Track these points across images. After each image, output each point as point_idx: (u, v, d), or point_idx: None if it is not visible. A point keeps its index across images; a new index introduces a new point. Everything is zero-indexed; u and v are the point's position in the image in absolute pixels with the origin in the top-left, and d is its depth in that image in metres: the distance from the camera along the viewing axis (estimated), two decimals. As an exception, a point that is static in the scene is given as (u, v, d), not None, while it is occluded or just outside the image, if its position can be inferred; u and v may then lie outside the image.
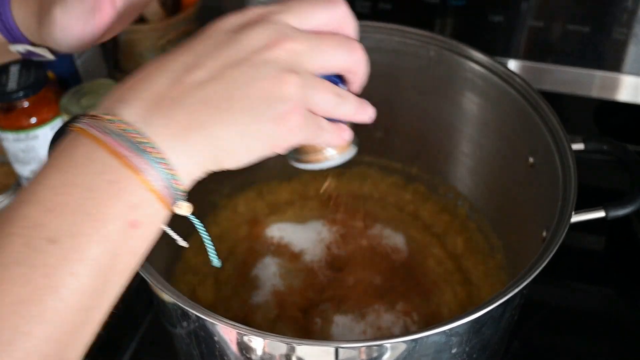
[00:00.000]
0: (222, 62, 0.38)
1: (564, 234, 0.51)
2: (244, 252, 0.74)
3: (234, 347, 0.50)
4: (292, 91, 0.38)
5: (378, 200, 0.80)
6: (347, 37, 0.43)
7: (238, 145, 0.38)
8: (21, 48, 0.51)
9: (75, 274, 0.33)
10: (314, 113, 0.41)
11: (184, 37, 0.85)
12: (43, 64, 0.78)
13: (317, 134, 0.42)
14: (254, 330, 0.46)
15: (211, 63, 0.38)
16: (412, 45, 0.71)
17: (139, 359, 0.68)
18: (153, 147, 0.35)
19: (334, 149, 0.49)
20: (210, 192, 0.76)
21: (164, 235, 0.71)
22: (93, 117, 0.36)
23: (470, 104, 0.71)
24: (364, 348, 0.48)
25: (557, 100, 0.68)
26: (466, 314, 0.46)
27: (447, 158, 0.77)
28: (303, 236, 0.74)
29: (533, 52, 0.80)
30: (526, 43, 0.80)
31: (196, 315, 0.48)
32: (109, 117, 0.36)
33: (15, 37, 0.52)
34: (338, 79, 0.44)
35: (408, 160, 0.80)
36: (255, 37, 0.38)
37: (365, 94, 0.76)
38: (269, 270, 0.70)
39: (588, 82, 0.80)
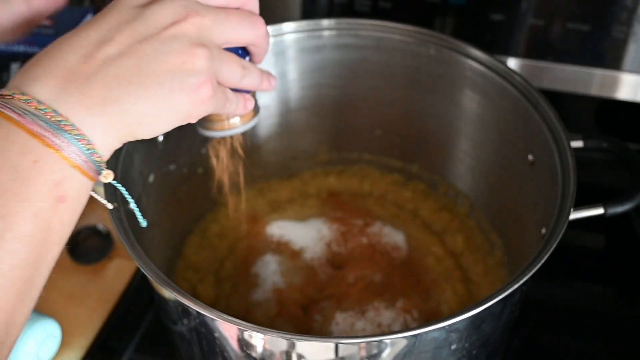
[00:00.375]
0: (131, 37, 0.39)
1: (563, 231, 0.51)
2: (244, 250, 0.74)
3: (234, 343, 0.51)
4: (202, 64, 0.40)
5: (378, 198, 0.81)
6: (251, 13, 0.45)
7: (151, 117, 0.39)
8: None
9: (13, 251, 0.35)
10: (220, 84, 0.43)
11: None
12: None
13: (224, 104, 0.44)
14: (255, 326, 0.47)
15: (121, 38, 0.39)
16: (412, 43, 0.71)
17: (140, 357, 0.68)
18: (70, 125, 0.36)
19: (238, 118, 0.52)
20: (211, 190, 0.76)
21: (165, 234, 0.71)
22: (6, 97, 0.37)
23: (470, 102, 0.71)
24: (363, 344, 0.48)
25: (557, 99, 0.68)
26: (466, 309, 0.46)
27: (447, 156, 0.77)
28: (303, 234, 0.74)
29: (533, 51, 0.81)
30: (526, 41, 0.80)
31: (197, 312, 0.48)
32: (24, 97, 0.36)
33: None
34: (243, 52, 0.47)
35: (408, 158, 0.80)
36: (164, 13, 0.40)
37: (366, 92, 0.77)
38: (269, 268, 0.70)
39: (588, 80, 0.80)
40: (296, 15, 0.85)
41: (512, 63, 0.82)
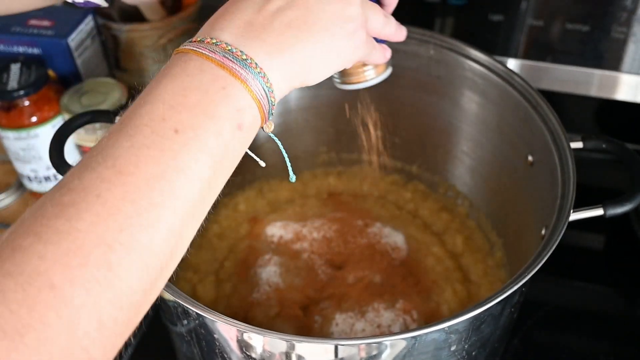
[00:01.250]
0: None
1: (563, 231, 0.51)
2: (245, 250, 0.74)
3: (234, 344, 0.51)
4: (356, 12, 0.45)
5: (378, 198, 0.81)
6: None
7: (318, 62, 0.44)
8: None
9: (197, 160, 0.38)
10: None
11: (184, 37, 0.85)
12: (44, 63, 0.78)
13: (371, 51, 0.49)
14: (254, 327, 0.47)
15: None
16: (412, 44, 0.71)
17: (140, 357, 0.68)
18: (254, 63, 0.41)
19: (373, 70, 0.55)
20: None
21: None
22: (198, 42, 0.41)
23: (470, 102, 0.71)
24: (363, 345, 0.48)
25: (557, 99, 0.68)
26: (465, 311, 0.46)
27: (447, 157, 0.77)
28: (303, 234, 0.74)
29: (533, 51, 0.81)
30: (526, 42, 0.80)
31: (196, 313, 0.48)
32: (214, 40, 0.41)
33: None
34: (377, 3, 0.51)
35: (408, 158, 0.80)
36: None
37: (366, 92, 0.77)
38: (269, 269, 0.70)
39: (587, 81, 0.80)
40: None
41: (512, 64, 0.82)
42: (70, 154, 0.78)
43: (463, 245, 0.74)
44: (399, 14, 0.53)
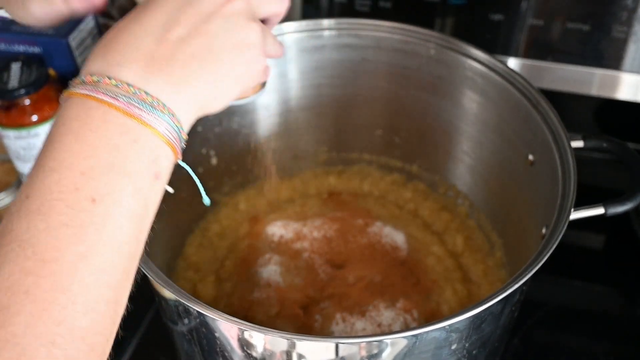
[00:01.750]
0: (195, 16, 0.41)
1: (564, 231, 0.51)
2: (245, 250, 0.74)
3: (234, 343, 0.51)
4: (258, 37, 0.44)
5: (378, 198, 0.81)
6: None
7: (224, 91, 0.43)
8: None
9: (121, 226, 0.36)
10: None
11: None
12: (44, 62, 0.78)
13: (267, 74, 0.48)
14: (255, 326, 0.47)
15: (186, 19, 0.41)
16: (412, 43, 0.71)
17: (140, 357, 0.68)
18: (161, 104, 0.38)
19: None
20: (211, 189, 0.76)
21: (165, 233, 0.71)
22: (94, 83, 0.38)
23: (471, 102, 0.71)
24: (364, 344, 0.48)
25: (557, 99, 0.68)
26: (466, 309, 0.46)
27: (447, 156, 0.77)
28: (303, 234, 0.74)
29: (533, 51, 0.81)
30: (526, 41, 0.80)
31: (197, 312, 0.48)
32: (113, 81, 0.38)
33: None
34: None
35: (408, 158, 0.80)
36: None
37: (366, 92, 0.77)
38: (270, 268, 0.70)
39: (588, 80, 0.80)
40: (296, 15, 0.85)
41: (513, 63, 0.82)
42: (71, 153, 0.77)
43: (463, 245, 0.74)
44: (400, 14, 0.53)
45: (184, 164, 0.43)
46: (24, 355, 0.31)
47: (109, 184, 0.36)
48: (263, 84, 0.54)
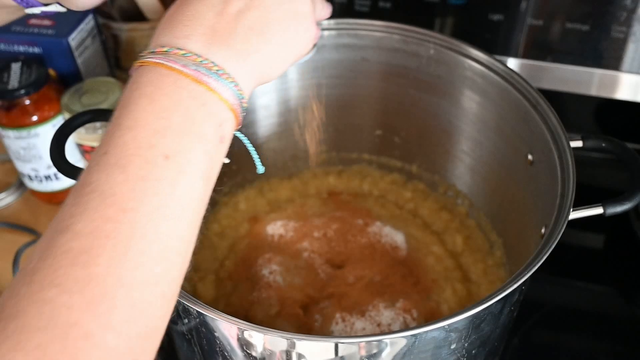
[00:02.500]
0: None
1: (563, 230, 0.52)
2: (245, 249, 0.74)
3: (234, 342, 0.51)
4: (308, 7, 0.46)
5: (378, 198, 0.81)
6: None
7: (280, 60, 0.46)
8: (37, 10, 0.55)
9: (193, 184, 0.39)
10: None
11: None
12: (45, 62, 0.79)
13: (316, 38, 0.50)
14: (255, 325, 0.47)
15: None
16: (412, 43, 0.71)
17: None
18: (226, 73, 0.41)
19: None
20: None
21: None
22: (164, 52, 0.41)
23: (470, 102, 0.71)
24: (363, 343, 0.48)
25: (556, 99, 0.68)
26: (465, 309, 0.47)
27: (447, 156, 0.77)
28: (303, 233, 0.74)
29: (532, 51, 0.81)
30: (526, 41, 0.80)
31: (197, 311, 0.48)
32: (182, 51, 0.40)
33: (29, 3, 0.56)
34: None
35: (408, 158, 0.80)
36: None
37: (366, 92, 0.77)
38: (270, 268, 0.71)
39: (587, 80, 0.80)
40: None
41: (512, 63, 0.82)
42: (71, 153, 0.78)
43: (463, 245, 0.74)
44: (400, 14, 0.53)
45: (239, 134, 0.46)
46: (105, 295, 0.34)
47: (181, 143, 0.38)
48: (313, 45, 0.56)
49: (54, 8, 0.54)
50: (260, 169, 0.51)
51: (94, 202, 0.36)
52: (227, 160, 0.46)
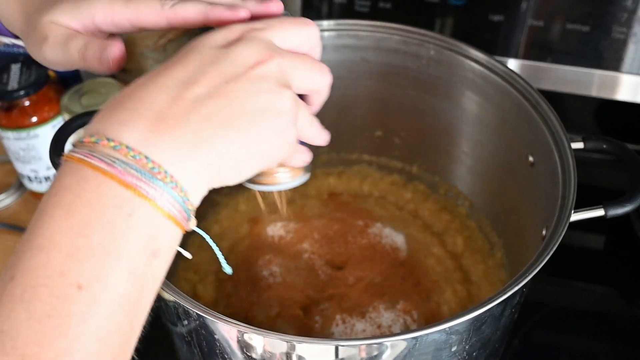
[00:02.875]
0: (218, 77, 0.37)
1: (564, 232, 0.51)
2: (245, 251, 0.74)
3: (234, 345, 0.50)
4: (288, 105, 0.39)
5: (378, 199, 0.81)
6: (319, 61, 0.44)
7: (242, 161, 0.38)
8: (7, 40, 0.52)
9: (110, 314, 0.33)
10: None
11: (184, 37, 0.85)
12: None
13: (295, 152, 0.43)
14: (255, 328, 0.47)
15: (208, 78, 0.37)
16: (412, 44, 0.71)
17: (140, 358, 0.68)
18: (163, 172, 0.34)
19: (289, 173, 0.48)
20: (211, 190, 0.76)
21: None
22: (91, 144, 0.34)
23: (470, 103, 0.71)
24: (363, 346, 0.48)
25: (557, 99, 0.68)
26: (466, 312, 0.46)
27: (447, 157, 0.77)
28: (303, 234, 0.74)
29: (533, 52, 0.81)
30: (526, 42, 0.80)
31: (197, 314, 0.48)
32: (111, 143, 0.34)
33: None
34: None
35: (408, 159, 0.80)
36: (247, 52, 0.39)
37: (366, 92, 0.77)
38: (270, 269, 0.70)
39: (588, 81, 0.80)
40: (296, 16, 0.85)
41: (512, 64, 0.82)
42: (70, 154, 0.77)
43: (463, 246, 0.74)
44: (400, 15, 0.53)
45: (200, 231, 0.41)
46: None
47: (97, 267, 0.32)
48: (307, 169, 0.50)
49: (22, 42, 0.51)
50: (228, 270, 0.46)
51: None
52: (188, 256, 0.41)
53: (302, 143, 0.46)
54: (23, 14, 0.50)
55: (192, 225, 0.39)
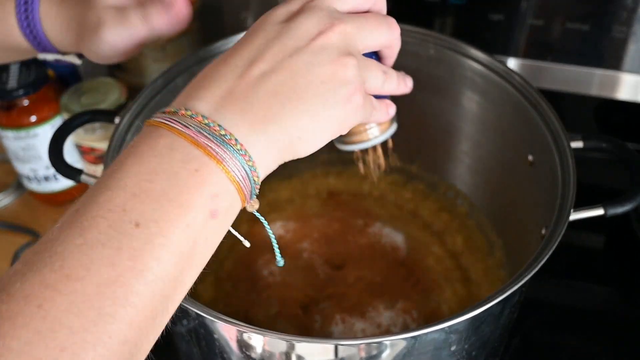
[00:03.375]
0: (281, 52, 0.39)
1: (563, 232, 0.51)
2: (245, 250, 0.73)
3: (233, 344, 0.50)
4: (352, 73, 0.40)
5: (378, 198, 0.81)
6: (384, 15, 0.45)
7: (311, 132, 0.39)
8: (50, 57, 0.54)
9: (159, 258, 0.33)
10: (365, 91, 0.43)
11: (184, 36, 0.85)
12: (44, 63, 0.78)
13: (371, 112, 0.44)
14: (254, 327, 0.47)
15: (271, 54, 0.39)
16: (412, 43, 0.71)
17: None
18: (234, 139, 0.36)
19: (376, 127, 0.51)
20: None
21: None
22: (172, 113, 0.37)
23: (470, 102, 0.71)
24: (363, 345, 0.48)
25: (557, 99, 0.68)
26: (465, 311, 0.46)
27: (447, 156, 0.77)
28: (303, 234, 0.74)
29: (533, 51, 0.80)
30: (526, 41, 0.80)
31: (196, 313, 0.48)
32: (189, 112, 0.36)
33: (45, 48, 0.56)
34: (376, 56, 0.47)
35: (408, 158, 0.80)
36: (308, 24, 0.40)
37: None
38: (269, 268, 0.71)
39: (587, 80, 0.80)
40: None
41: (512, 63, 0.82)
42: (70, 154, 0.78)
43: (463, 245, 0.74)
44: (400, 14, 0.53)
45: (258, 215, 0.42)
46: None
47: (158, 210, 0.34)
48: (392, 121, 0.51)
49: (70, 59, 0.53)
50: (280, 261, 0.46)
51: (41, 263, 0.31)
52: (246, 244, 0.42)
53: (384, 95, 0.47)
54: (69, 20, 0.54)
55: (254, 206, 0.40)
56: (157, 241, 0.33)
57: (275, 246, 0.45)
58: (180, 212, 0.34)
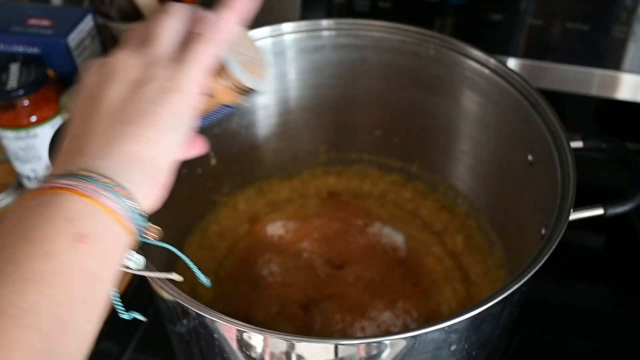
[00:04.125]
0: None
1: (563, 231, 0.51)
2: (244, 250, 0.74)
3: (233, 344, 0.50)
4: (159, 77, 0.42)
5: (378, 198, 0.81)
6: (204, 28, 0.43)
7: (152, 138, 0.40)
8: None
9: (25, 296, 0.32)
10: None
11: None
12: (43, 63, 0.78)
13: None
14: (254, 327, 0.47)
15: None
16: (411, 43, 0.71)
17: (139, 357, 0.68)
18: (80, 171, 0.37)
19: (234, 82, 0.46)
20: (211, 190, 0.76)
21: (165, 234, 0.70)
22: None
23: (470, 102, 0.71)
24: (363, 345, 0.48)
25: (557, 99, 0.68)
26: (465, 310, 0.46)
27: (447, 156, 0.77)
28: (303, 234, 0.74)
29: (532, 51, 0.81)
30: (526, 41, 0.80)
31: (196, 313, 0.48)
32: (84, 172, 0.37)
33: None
34: None
35: (407, 158, 0.80)
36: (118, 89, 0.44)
37: (366, 92, 0.77)
38: (269, 268, 0.71)
39: (587, 80, 0.80)
40: (295, 15, 0.85)
41: (512, 63, 0.82)
42: (70, 154, 0.77)
43: (463, 245, 0.74)
44: (400, 14, 0.53)
45: (167, 245, 0.42)
46: None
47: (9, 248, 0.33)
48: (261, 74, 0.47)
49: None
50: (206, 282, 0.46)
51: None
52: (178, 278, 0.42)
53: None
54: None
55: (156, 234, 0.41)
56: (17, 276, 0.32)
57: (195, 269, 0.45)
58: (35, 244, 0.33)
